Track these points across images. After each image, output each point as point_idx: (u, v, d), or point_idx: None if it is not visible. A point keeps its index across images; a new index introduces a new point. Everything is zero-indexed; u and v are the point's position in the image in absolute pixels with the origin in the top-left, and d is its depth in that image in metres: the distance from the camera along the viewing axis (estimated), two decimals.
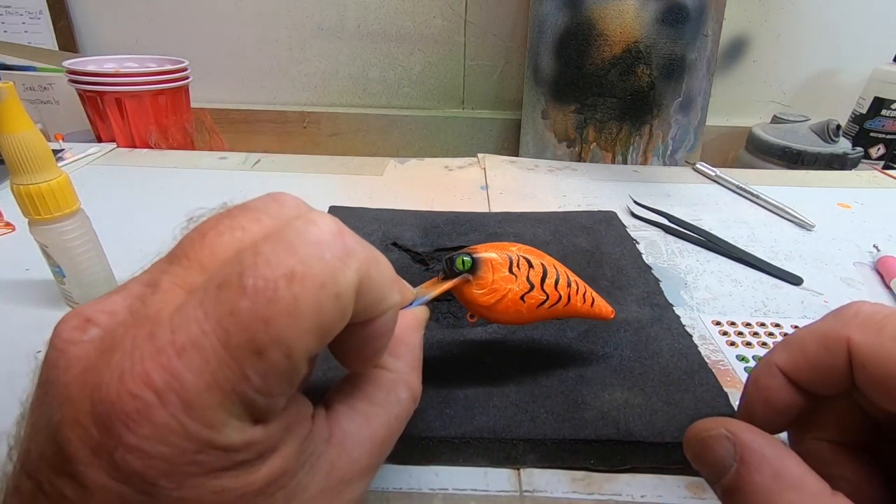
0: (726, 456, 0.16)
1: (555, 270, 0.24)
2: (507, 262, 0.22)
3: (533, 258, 0.23)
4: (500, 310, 0.22)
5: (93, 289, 0.33)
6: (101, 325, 0.12)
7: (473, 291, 0.22)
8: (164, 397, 0.11)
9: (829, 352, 0.17)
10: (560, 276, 0.24)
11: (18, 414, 0.14)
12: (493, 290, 0.22)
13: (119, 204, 0.49)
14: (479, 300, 0.22)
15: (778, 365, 0.19)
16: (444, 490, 0.23)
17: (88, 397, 0.11)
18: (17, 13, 0.82)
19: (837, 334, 0.17)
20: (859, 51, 0.88)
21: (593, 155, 0.79)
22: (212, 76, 0.90)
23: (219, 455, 0.11)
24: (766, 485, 0.14)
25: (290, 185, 0.54)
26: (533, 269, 0.23)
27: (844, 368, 0.17)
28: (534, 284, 0.23)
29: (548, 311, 0.23)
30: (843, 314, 0.18)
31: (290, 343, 0.12)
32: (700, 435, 0.17)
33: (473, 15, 0.85)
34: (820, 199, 0.55)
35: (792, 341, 0.19)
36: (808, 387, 0.19)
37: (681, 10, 0.70)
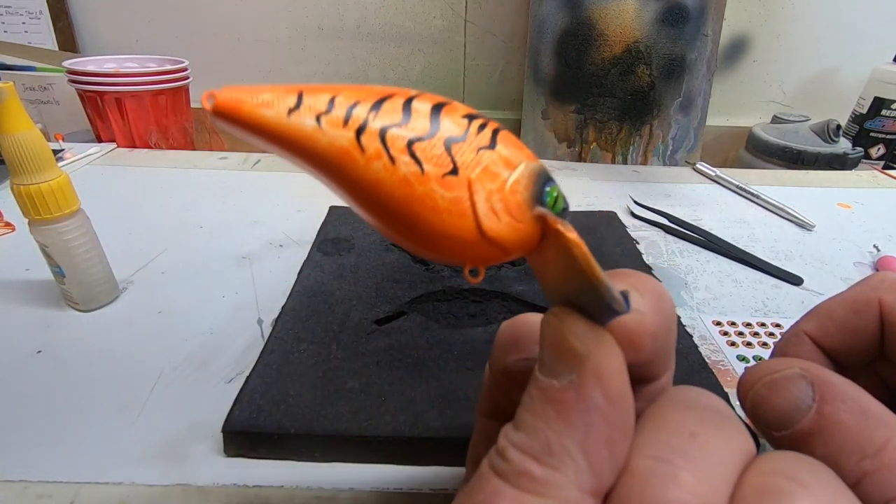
0: (803, 397, 0.14)
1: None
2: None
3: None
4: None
5: (93, 289, 0.33)
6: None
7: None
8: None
9: (858, 315, 0.18)
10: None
11: None
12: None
13: (119, 204, 0.49)
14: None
15: (806, 332, 0.19)
16: (444, 490, 0.23)
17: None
18: (17, 13, 0.82)
19: (868, 297, 0.18)
20: (859, 51, 0.88)
21: (593, 155, 0.79)
22: (212, 76, 0.90)
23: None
24: (856, 424, 0.13)
25: (290, 184, 0.54)
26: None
27: (874, 332, 0.17)
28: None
29: None
30: (869, 281, 0.18)
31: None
32: (768, 377, 0.15)
33: (473, 15, 0.85)
34: (820, 199, 0.55)
35: (819, 309, 0.19)
36: (836, 354, 0.19)
37: (681, 10, 0.70)
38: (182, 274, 0.38)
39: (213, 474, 0.23)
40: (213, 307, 0.34)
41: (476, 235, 0.11)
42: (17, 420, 0.26)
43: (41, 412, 0.26)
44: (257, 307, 0.34)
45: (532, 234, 0.12)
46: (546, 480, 0.11)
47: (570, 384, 0.11)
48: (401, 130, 0.11)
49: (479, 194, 0.11)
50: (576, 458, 0.11)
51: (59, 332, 0.32)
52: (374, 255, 0.38)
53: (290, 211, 0.48)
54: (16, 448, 0.24)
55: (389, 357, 0.28)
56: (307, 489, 0.23)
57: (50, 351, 0.30)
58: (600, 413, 0.11)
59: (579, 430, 0.11)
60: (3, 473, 0.23)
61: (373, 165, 0.11)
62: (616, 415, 0.11)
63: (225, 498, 0.22)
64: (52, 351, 0.30)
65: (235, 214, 0.47)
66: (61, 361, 0.30)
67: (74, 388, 0.28)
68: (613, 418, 0.11)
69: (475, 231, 0.11)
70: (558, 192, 0.12)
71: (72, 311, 0.34)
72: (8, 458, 0.24)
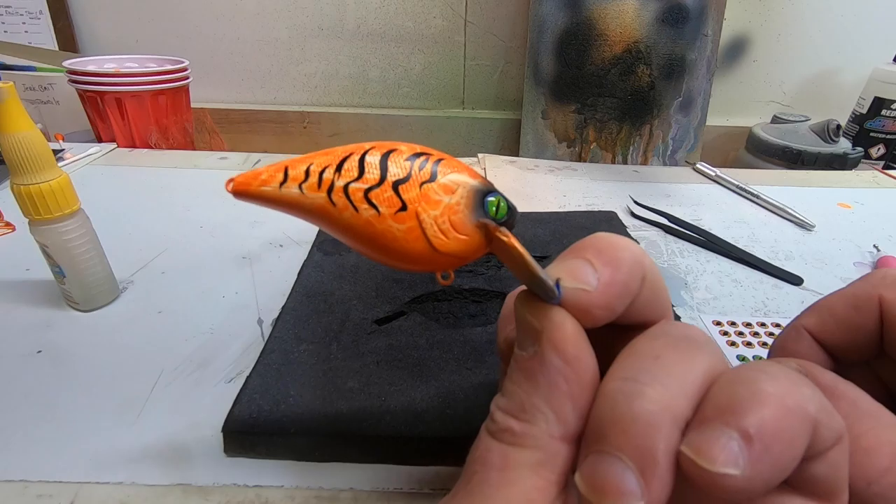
0: None
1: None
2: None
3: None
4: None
5: (93, 289, 0.33)
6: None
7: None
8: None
9: (858, 311, 0.18)
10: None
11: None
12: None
13: (119, 204, 0.49)
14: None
15: (806, 327, 0.19)
16: (444, 490, 0.23)
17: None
18: (17, 13, 0.82)
19: (868, 294, 0.18)
20: (859, 51, 0.88)
21: (593, 155, 0.79)
22: (212, 76, 0.90)
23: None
24: (843, 412, 0.14)
25: None
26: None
27: (873, 329, 0.18)
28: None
29: None
30: (870, 278, 0.18)
31: None
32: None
33: (473, 15, 0.85)
34: (820, 199, 0.55)
35: (820, 305, 0.19)
36: (835, 350, 0.19)
37: (681, 10, 0.70)
38: (182, 274, 0.38)
39: (213, 474, 0.23)
40: (213, 307, 0.34)
41: (431, 253, 0.14)
42: (17, 420, 0.26)
43: (41, 412, 0.26)
44: (257, 307, 0.34)
45: (479, 241, 0.15)
46: (523, 433, 0.13)
47: (534, 353, 0.14)
48: (358, 184, 0.14)
49: (426, 222, 0.14)
50: (545, 412, 0.13)
51: (59, 332, 0.32)
52: None
53: None
54: (16, 448, 0.24)
55: (389, 357, 0.28)
56: (307, 489, 0.23)
57: (50, 351, 0.30)
58: (559, 373, 0.13)
59: (543, 389, 0.13)
60: (3, 473, 0.23)
61: (344, 214, 0.14)
62: (573, 373, 0.13)
63: (225, 498, 0.22)
64: (52, 351, 0.30)
65: (235, 214, 0.47)
66: (61, 361, 0.30)
67: (74, 388, 0.28)
68: (571, 376, 0.13)
69: (429, 250, 0.14)
70: (500, 201, 0.15)
71: (72, 311, 0.34)
72: (8, 458, 0.24)
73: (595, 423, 0.12)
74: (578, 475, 0.12)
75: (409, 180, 0.14)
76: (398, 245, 0.14)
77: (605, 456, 0.12)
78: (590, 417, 0.13)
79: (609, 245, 0.15)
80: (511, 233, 0.15)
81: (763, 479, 0.11)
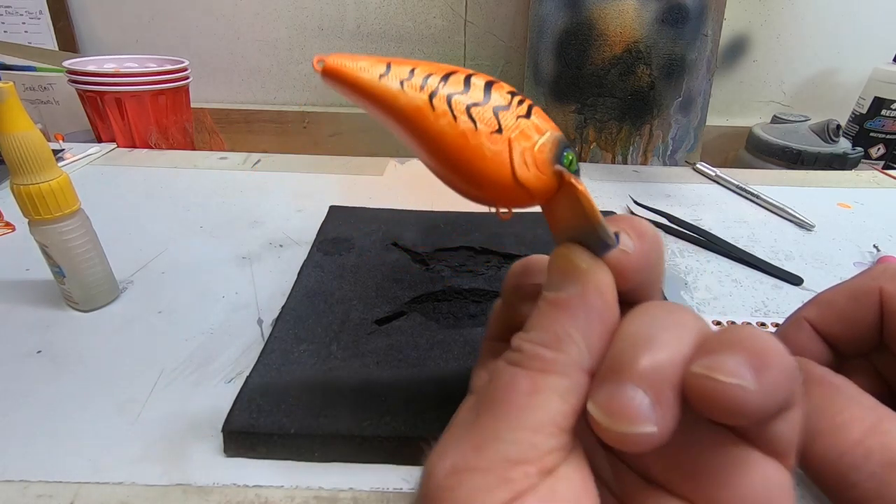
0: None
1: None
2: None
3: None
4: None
5: (93, 289, 0.33)
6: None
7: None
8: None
9: (859, 304, 0.18)
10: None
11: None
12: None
13: (119, 204, 0.49)
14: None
15: (807, 319, 0.20)
16: None
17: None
18: (17, 13, 0.82)
19: (868, 286, 0.18)
20: (859, 51, 0.88)
21: (593, 155, 0.79)
22: (212, 76, 0.90)
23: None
24: (826, 395, 0.16)
25: (290, 184, 0.54)
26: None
27: (873, 321, 0.18)
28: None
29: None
30: (871, 271, 0.19)
31: None
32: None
33: (473, 15, 0.85)
34: (820, 199, 0.55)
35: (821, 297, 0.20)
36: (835, 342, 0.19)
37: (681, 10, 0.70)
38: (182, 274, 0.38)
39: (213, 474, 0.23)
40: (213, 307, 0.34)
41: (511, 180, 0.15)
42: (17, 420, 0.26)
43: (41, 412, 0.26)
44: (257, 307, 0.34)
45: (551, 184, 0.15)
46: (554, 360, 0.14)
47: (575, 293, 0.15)
48: (462, 97, 0.15)
49: (515, 150, 0.15)
50: (578, 343, 0.14)
51: (59, 332, 0.32)
52: (374, 255, 0.38)
53: (290, 211, 0.48)
54: (16, 448, 0.24)
55: (389, 357, 0.28)
56: (307, 489, 0.23)
57: (50, 351, 0.30)
58: (597, 312, 0.14)
59: (582, 323, 0.14)
60: (3, 473, 0.23)
61: (440, 121, 0.14)
62: (608, 315, 0.15)
63: (225, 498, 0.22)
64: (52, 351, 0.30)
65: (235, 214, 0.47)
66: (61, 361, 0.30)
67: (74, 388, 0.28)
68: (606, 317, 0.14)
69: (510, 177, 0.15)
70: (573, 157, 0.16)
71: (72, 311, 0.34)
72: (8, 458, 0.24)
73: (614, 358, 0.14)
74: (592, 402, 0.13)
75: (508, 109, 0.15)
76: (483, 164, 0.15)
77: (622, 385, 0.13)
78: (609, 354, 0.14)
79: (639, 221, 0.16)
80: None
81: (771, 395, 0.12)
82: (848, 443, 0.15)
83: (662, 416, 0.12)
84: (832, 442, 0.15)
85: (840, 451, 0.15)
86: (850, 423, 0.15)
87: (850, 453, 0.15)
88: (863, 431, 0.15)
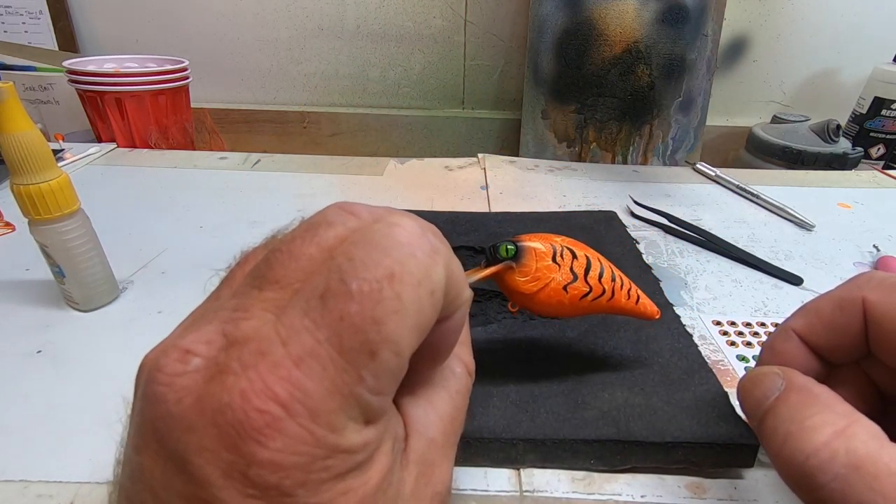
0: (773, 387, 0.18)
1: (599, 263, 0.23)
2: (550, 251, 0.22)
3: (577, 250, 0.23)
4: (542, 299, 0.22)
5: (93, 289, 0.33)
6: (202, 355, 0.13)
7: (516, 279, 0.22)
8: (290, 408, 0.11)
9: (844, 313, 0.19)
10: (605, 269, 0.24)
11: (115, 463, 0.14)
12: (536, 278, 0.22)
13: (119, 204, 0.49)
14: (521, 288, 0.22)
15: (794, 329, 0.20)
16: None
17: (211, 423, 0.11)
18: (17, 13, 0.83)
19: (852, 296, 0.18)
20: (859, 51, 0.88)
21: (593, 155, 0.79)
22: (212, 76, 0.90)
23: (344, 458, 0.12)
24: (802, 401, 0.17)
25: (289, 184, 0.54)
26: (577, 259, 0.23)
27: (859, 330, 0.18)
28: (577, 275, 0.22)
29: (590, 304, 0.23)
30: (857, 280, 0.19)
31: (399, 341, 0.12)
32: (754, 373, 0.19)
33: (473, 15, 0.85)
34: (820, 199, 0.55)
35: (808, 307, 0.20)
36: (822, 351, 0.19)
37: (681, 10, 0.70)
38: (182, 274, 0.38)
39: None
40: None
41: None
42: (17, 420, 0.26)
43: (41, 412, 0.26)
44: None
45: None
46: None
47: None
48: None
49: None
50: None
51: (59, 332, 0.32)
52: None
53: (290, 211, 0.48)
54: (16, 448, 0.24)
55: None
56: None
57: (50, 351, 0.30)
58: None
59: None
60: (3, 473, 0.23)
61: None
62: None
63: None
64: (52, 351, 0.30)
65: (235, 214, 0.47)
66: (61, 361, 0.30)
67: (74, 388, 0.28)
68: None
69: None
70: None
71: (72, 311, 0.34)
72: (8, 458, 0.24)
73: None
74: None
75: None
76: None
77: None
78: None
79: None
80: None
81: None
82: (815, 445, 0.15)
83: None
84: (800, 444, 0.16)
85: (807, 453, 0.15)
86: (820, 426, 0.16)
87: (815, 455, 0.15)
88: (830, 434, 0.15)
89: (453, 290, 0.14)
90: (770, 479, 0.24)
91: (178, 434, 0.12)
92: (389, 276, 0.12)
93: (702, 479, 0.24)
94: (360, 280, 0.12)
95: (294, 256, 0.14)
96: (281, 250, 0.14)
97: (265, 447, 0.11)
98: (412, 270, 0.12)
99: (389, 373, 0.12)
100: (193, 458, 0.11)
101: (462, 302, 0.15)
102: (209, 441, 0.11)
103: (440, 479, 0.15)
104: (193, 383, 0.12)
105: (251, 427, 0.11)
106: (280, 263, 0.14)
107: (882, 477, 0.14)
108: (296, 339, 0.12)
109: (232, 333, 0.13)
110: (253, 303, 0.13)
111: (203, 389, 0.12)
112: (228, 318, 0.13)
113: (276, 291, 0.13)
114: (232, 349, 0.12)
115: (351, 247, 0.13)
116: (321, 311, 0.12)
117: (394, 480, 0.14)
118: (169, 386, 0.12)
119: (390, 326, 0.12)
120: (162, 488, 0.12)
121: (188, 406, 0.12)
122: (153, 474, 0.12)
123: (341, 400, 0.12)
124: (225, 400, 0.11)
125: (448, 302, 0.14)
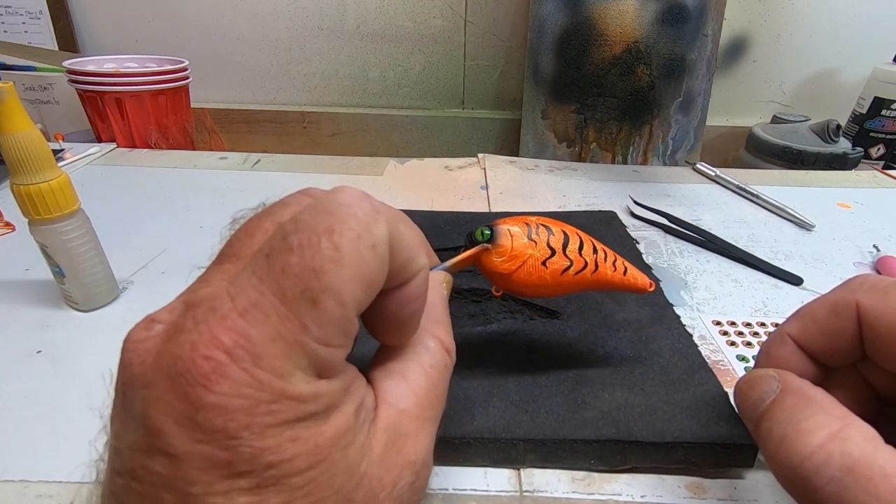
0: (769, 390, 0.18)
1: (578, 237, 0.23)
2: (525, 229, 0.22)
3: (553, 226, 0.23)
4: (521, 277, 0.22)
5: (93, 289, 0.33)
6: (164, 321, 0.14)
7: (493, 260, 0.22)
8: (234, 354, 0.12)
9: (838, 317, 0.19)
10: (584, 242, 0.23)
11: (101, 431, 0.15)
12: (513, 256, 0.22)
13: (119, 204, 0.49)
14: (499, 268, 0.22)
15: (789, 334, 0.20)
16: (443, 490, 0.23)
17: (166, 376, 0.12)
18: (17, 13, 0.82)
19: (846, 300, 0.19)
20: (859, 51, 0.88)
21: (593, 155, 0.79)
22: (212, 76, 0.90)
23: (291, 405, 0.12)
24: (797, 404, 0.17)
25: (289, 185, 0.54)
26: (553, 235, 0.23)
27: (853, 333, 0.18)
28: (555, 250, 0.22)
29: (574, 278, 0.23)
30: (850, 284, 0.19)
31: (340, 289, 0.13)
32: (750, 376, 0.20)
33: (473, 15, 0.85)
34: (820, 199, 0.55)
35: (802, 312, 0.20)
36: (818, 355, 0.20)
37: (681, 10, 0.70)
38: (182, 274, 0.38)
39: None
40: None
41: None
42: (17, 420, 0.26)
43: (41, 412, 0.26)
44: None
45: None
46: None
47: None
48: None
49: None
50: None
51: (59, 332, 0.32)
52: None
53: None
54: (16, 448, 0.24)
55: None
56: None
57: (50, 351, 0.30)
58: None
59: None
60: (3, 473, 0.23)
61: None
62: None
63: None
64: (52, 351, 0.30)
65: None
66: (61, 361, 0.30)
67: (75, 388, 0.28)
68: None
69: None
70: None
71: (72, 311, 0.34)
72: (8, 458, 0.24)
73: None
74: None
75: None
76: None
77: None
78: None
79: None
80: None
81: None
82: (810, 447, 0.15)
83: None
84: (795, 447, 0.16)
85: (802, 456, 0.15)
86: (815, 429, 0.16)
87: (811, 458, 0.15)
88: (825, 437, 0.15)
89: (403, 252, 0.15)
90: (770, 479, 0.24)
91: (138, 392, 0.13)
92: (329, 230, 0.13)
93: (702, 480, 0.24)
94: (300, 235, 0.13)
95: (250, 233, 0.15)
96: (240, 230, 0.15)
97: (211, 391, 0.12)
98: (352, 226, 0.13)
99: (334, 323, 0.13)
100: (150, 411, 0.12)
101: (418, 268, 0.16)
102: (163, 392, 0.12)
103: (413, 450, 0.16)
104: (154, 346, 0.13)
105: (198, 373, 0.12)
106: (238, 240, 0.15)
107: (877, 479, 0.14)
108: (242, 294, 0.12)
109: (191, 300, 0.13)
110: (212, 275, 0.14)
111: (161, 348, 0.13)
112: (190, 289, 0.14)
113: (234, 263, 0.14)
114: (188, 311, 0.13)
115: (298, 215, 0.13)
116: (266, 267, 0.13)
117: (356, 441, 0.14)
118: (133, 352, 0.13)
119: (330, 276, 0.12)
120: (126, 448, 0.13)
121: (148, 365, 0.13)
122: (121, 438, 0.13)
123: (285, 346, 0.12)
124: (177, 353, 0.12)
125: (399, 265, 0.15)
